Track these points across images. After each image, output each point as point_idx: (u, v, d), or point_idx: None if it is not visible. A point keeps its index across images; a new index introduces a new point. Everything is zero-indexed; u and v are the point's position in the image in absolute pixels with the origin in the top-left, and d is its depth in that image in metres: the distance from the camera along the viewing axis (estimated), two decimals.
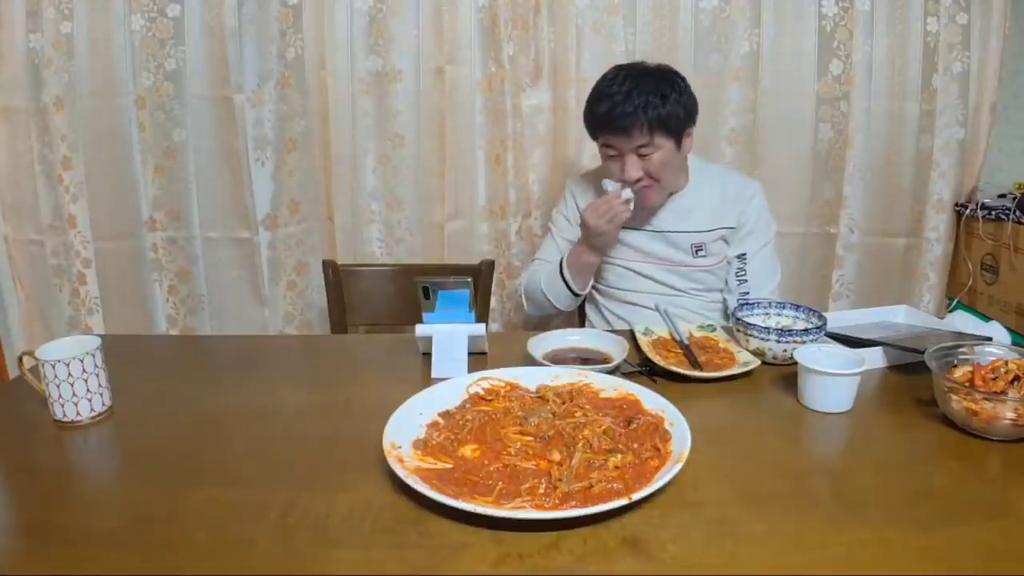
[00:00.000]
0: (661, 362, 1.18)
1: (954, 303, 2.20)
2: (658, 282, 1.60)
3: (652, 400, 0.99)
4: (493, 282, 1.92)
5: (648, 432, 0.92)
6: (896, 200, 2.14)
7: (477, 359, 1.21)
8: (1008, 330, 1.31)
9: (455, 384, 1.05)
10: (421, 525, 0.78)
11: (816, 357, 1.04)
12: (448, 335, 1.19)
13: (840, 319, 1.31)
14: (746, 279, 1.57)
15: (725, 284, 1.61)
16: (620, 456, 0.86)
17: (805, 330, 1.19)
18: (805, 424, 1.04)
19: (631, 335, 1.31)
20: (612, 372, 1.13)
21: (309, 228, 2.13)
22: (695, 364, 1.18)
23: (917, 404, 1.06)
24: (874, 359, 1.17)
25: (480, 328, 1.20)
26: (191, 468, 0.92)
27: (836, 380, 1.02)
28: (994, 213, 2.03)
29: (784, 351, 1.18)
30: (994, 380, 0.98)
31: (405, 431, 0.92)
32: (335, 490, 0.85)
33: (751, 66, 2.02)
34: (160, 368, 1.28)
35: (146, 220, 2.06)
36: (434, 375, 1.16)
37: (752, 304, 1.35)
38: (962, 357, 1.06)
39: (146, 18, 1.90)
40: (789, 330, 1.20)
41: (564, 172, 2.04)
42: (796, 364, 1.06)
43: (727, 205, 1.57)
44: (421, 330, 1.21)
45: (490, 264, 1.85)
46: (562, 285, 1.59)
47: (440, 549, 0.74)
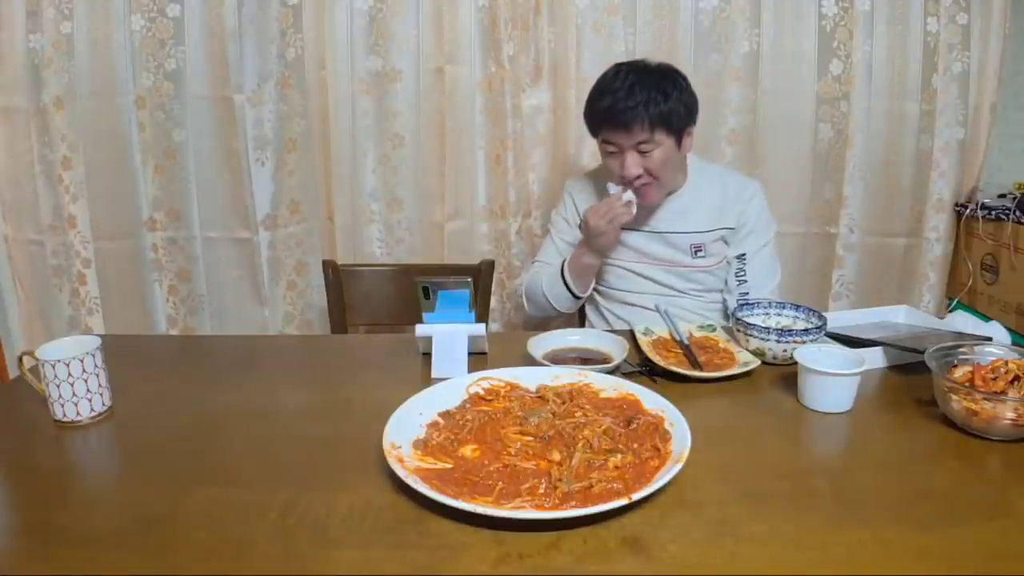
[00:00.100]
0: (661, 362, 1.18)
1: (954, 303, 2.20)
2: (657, 283, 1.60)
3: (652, 400, 0.99)
4: (493, 282, 1.92)
5: (648, 432, 0.92)
6: (896, 200, 2.14)
7: (477, 359, 1.21)
8: (1008, 330, 1.31)
9: (455, 384, 1.05)
10: (421, 525, 0.78)
11: (816, 357, 1.04)
12: (448, 335, 1.19)
13: (840, 319, 1.31)
14: (746, 279, 1.57)
15: (725, 284, 1.61)
16: (620, 456, 0.86)
17: (805, 330, 1.19)
18: (805, 424, 1.04)
19: (631, 335, 1.31)
20: (612, 372, 1.13)
21: (309, 228, 2.13)
22: (695, 364, 1.18)
23: (917, 404, 1.06)
24: (874, 359, 1.17)
25: (480, 328, 1.20)
26: (191, 468, 0.92)
27: (836, 380, 1.02)
28: (994, 213, 2.03)
29: (784, 351, 1.18)
30: (994, 380, 0.98)
31: (405, 431, 0.92)
32: (335, 490, 0.85)
33: (751, 66, 2.02)
34: (160, 368, 1.28)
35: (146, 220, 2.06)
36: (434, 375, 1.16)
37: (752, 304, 1.34)
38: (962, 357, 1.06)
39: (146, 18, 1.90)
40: (789, 330, 1.20)
41: (564, 172, 2.04)
42: (796, 364, 1.06)
43: (727, 205, 1.57)
44: (421, 330, 1.21)
45: (490, 264, 1.85)
46: (563, 288, 1.59)
47: (440, 549, 0.74)
